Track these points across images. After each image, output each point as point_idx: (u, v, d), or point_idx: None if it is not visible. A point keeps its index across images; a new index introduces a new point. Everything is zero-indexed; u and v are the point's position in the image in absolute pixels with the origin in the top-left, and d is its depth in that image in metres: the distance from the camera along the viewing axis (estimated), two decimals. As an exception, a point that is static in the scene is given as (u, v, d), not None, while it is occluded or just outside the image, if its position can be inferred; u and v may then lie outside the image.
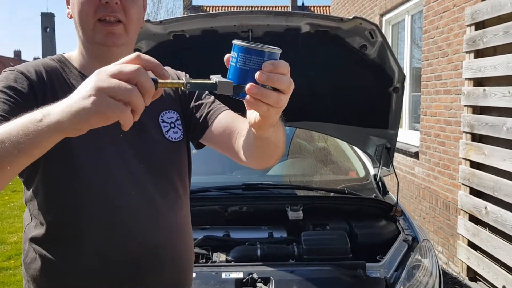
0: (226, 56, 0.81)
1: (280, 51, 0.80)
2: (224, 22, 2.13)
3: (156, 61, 0.74)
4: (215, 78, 0.80)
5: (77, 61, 1.15)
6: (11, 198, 7.28)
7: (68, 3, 1.14)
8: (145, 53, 2.26)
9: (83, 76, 1.11)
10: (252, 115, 0.84)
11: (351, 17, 2.10)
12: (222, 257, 2.17)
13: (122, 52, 1.09)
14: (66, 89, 1.07)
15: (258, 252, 2.16)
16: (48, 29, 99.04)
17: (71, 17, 1.12)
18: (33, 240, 1.12)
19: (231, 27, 2.15)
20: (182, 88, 0.78)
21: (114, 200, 1.09)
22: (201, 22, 2.13)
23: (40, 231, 1.10)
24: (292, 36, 2.22)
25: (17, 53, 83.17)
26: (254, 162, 1.11)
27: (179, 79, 1.28)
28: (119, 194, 1.09)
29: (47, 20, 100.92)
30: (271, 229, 2.46)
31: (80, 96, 0.70)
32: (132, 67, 0.70)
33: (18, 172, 0.82)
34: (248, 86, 0.77)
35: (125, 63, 0.71)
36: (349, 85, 2.50)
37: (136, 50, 2.25)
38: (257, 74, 0.77)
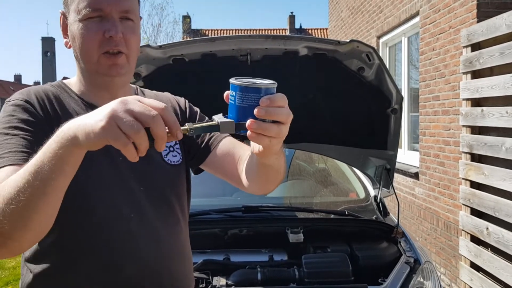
0: (226, 93, 0.84)
1: (275, 84, 0.83)
2: (223, 46, 2.16)
3: (175, 120, 0.77)
4: (216, 119, 0.83)
5: (77, 87, 1.18)
6: (10, 223, 7.22)
7: (65, 34, 1.14)
8: (144, 77, 2.29)
9: (83, 101, 1.14)
10: (256, 145, 0.89)
11: (348, 40, 2.13)
12: (222, 281, 2.15)
13: (123, 80, 1.14)
14: (67, 113, 1.10)
15: (259, 276, 2.13)
16: (49, 53, 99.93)
17: (69, 47, 1.13)
18: (29, 260, 1.11)
19: (230, 51, 2.17)
20: (187, 133, 0.82)
21: (113, 223, 1.09)
22: (200, 47, 2.15)
23: (35, 252, 1.10)
24: (290, 59, 2.24)
25: (18, 77, 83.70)
26: (256, 188, 1.15)
27: (179, 105, 1.30)
28: (119, 216, 1.09)
29: (48, 45, 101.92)
30: (272, 252, 2.44)
31: (95, 118, 0.77)
32: (152, 112, 0.75)
33: (61, 195, 0.86)
34: (248, 122, 0.80)
35: (149, 106, 0.76)
36: (348, 107, 2.51)
37: (136, 74, 2.28)
38: (255, 110, 0.80)
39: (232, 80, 0.83)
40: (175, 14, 67.41)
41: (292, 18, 34.05)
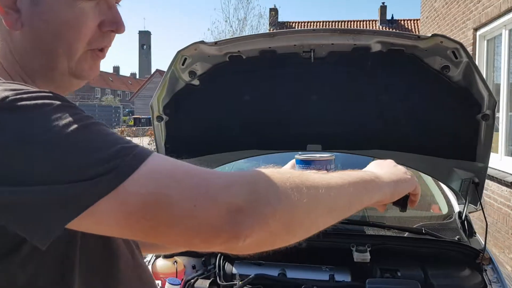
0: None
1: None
2: (283, 42, 1.94)
3: None
4: None
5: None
6: None
7: (13, 8, 0.73)
8: (200, 75, 2.15)
9: None
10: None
11: (429, 35, 1.82)
12: (275, 300, 1.96)
13: None
14: None
15: None
16: (145, 46, 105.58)
17: (18, 29, 0.74)
18: None
19: (291, 47, 1.95)
20: None
21: None
22: (258, 43, 1.96)
23: None
24: (360, 57, 1.97)
25: (116, 69, 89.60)
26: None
27: None
28: None
29: (144, 38, 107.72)
30: (333, 271, 2.19)
31: (403, 171, 0.99)
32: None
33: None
34: None
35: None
36: (429, 111, 2.19)
37: (191, 72, 2.14)
38: None
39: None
40: (261, 7, 70.31)
41: (383, 8, 32.73)
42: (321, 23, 27.74)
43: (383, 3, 32.60)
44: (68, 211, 0.58)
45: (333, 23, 27.99)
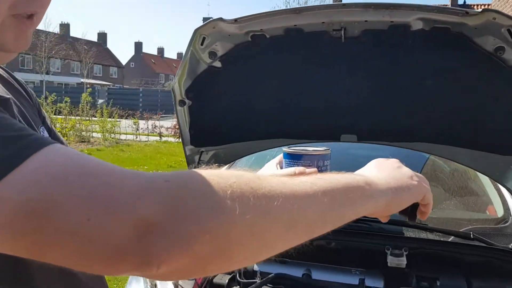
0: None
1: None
2: (310, 19, 1.74)
3: None
4: None
5: None
6: None
7: None
8: (221, 56, 1.99)
9: None
10: None
11: (480, 10, 1.55)
12: (295, 303, 1.79)
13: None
14: None
15: None
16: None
17: None
18: None
19: (320, 25, 1.75)
20: None
21: None
22: (283, 20, 1.77)
23: None
24: (398, 35, 1.74)
25: (180, 55, 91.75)
26: None
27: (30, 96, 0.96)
28: None
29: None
30: (364, 275, 1.98)
31: (407, 176, 0.78)
32: None
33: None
34: None
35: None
36: (480, 99, 1.91)
37: (211, 53, 1.99)
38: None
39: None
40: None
41: (454, -7, 30.95)
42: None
43: (454, -14, 30.85)
44: None
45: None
